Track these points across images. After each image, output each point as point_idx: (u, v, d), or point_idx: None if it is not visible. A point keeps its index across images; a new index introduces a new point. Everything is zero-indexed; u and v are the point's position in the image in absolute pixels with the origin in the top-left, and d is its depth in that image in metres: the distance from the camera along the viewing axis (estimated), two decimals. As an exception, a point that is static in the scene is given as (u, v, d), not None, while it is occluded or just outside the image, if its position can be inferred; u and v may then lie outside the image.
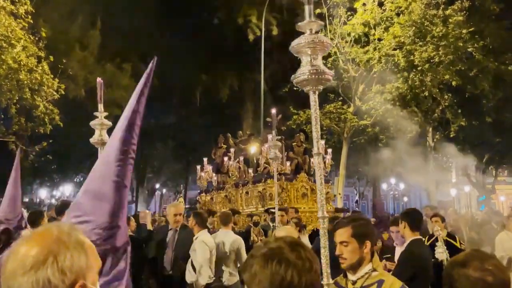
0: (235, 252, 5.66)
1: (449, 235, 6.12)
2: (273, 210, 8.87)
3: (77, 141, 28.03)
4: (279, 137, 12.51)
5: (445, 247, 5.52)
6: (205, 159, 14.30)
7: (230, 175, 13.21)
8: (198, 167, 14.45)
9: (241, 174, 13.24)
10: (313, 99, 2.17)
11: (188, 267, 4.89)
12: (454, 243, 5.91)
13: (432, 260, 5.77)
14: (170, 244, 5.51)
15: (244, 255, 5.63)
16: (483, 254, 1.70)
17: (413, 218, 4.05)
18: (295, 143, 13.01)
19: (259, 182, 12.02)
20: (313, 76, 2.08)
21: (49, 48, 15.05)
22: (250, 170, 12.75)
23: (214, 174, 14.10)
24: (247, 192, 12.68)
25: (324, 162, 11.67)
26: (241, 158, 13.30)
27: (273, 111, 4.79)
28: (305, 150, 12.85)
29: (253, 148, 14.36)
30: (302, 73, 2.11)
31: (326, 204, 11.29)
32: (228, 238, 5.75)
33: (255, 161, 13.43)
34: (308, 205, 11.38)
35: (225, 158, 13.33)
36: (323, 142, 12.04)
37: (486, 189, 27.94)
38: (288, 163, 11.96)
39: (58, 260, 1.06)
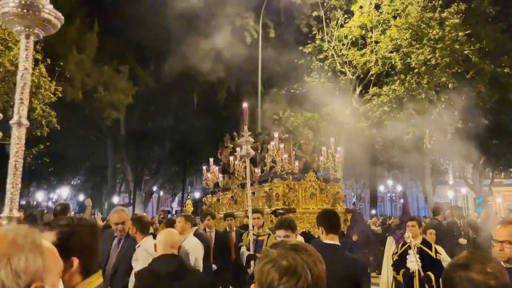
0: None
1: (424, 242, 5.62)
2: (281, 211, 8.74)
3: (74, 144, 28.04)
4: (287, 135, 12.36)
5: (418, 256, 5.16)
6: (211, 160, 13.74)
7: (237, 175, 12.57)
8: (204, 167, 14.05)
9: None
10: (25, 46, 1.55)
11: (132, 278, 4.24)
12: (429, 251, 5.45)
13: (404, 270, 5.36)
14: (112, 255, 4.80)
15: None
16: (483, 256, 1.69)
17: (328, 220, 3.48)
18: (303, 141, 12.63)
19: (266, 182, 11.22)
20: (24, 10, 1.42)
21: (46, 50, 15.03)
22: (257, 170, 11.97)
23: (220, 175, 13.56)
24: (253, 193, 11.81)
25: (334, 160, 11.48)
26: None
27: (245, 105, 4.64)
28: (313, 148, 12.55)
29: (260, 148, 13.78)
30: (6, 3, 1.45)
31: (336, 204, 11.14)
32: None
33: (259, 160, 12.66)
34: (317, 205, 10.82)
35: (231, 158, 12.74)
36: (332, 139, 11.77)
37: (483, 191, 27.98)
38: (296, 162, 11.50)
39: (12, 263, 1.06)
